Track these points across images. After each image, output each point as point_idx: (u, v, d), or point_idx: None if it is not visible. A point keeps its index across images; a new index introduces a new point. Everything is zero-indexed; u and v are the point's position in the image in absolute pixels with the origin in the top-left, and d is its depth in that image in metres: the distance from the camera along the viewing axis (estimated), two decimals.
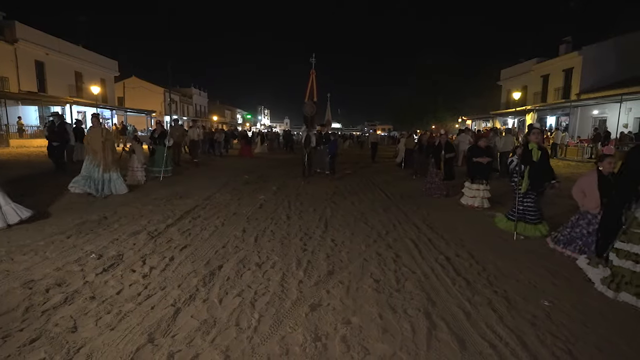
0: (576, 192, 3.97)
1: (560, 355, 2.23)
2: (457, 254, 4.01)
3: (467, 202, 6.47)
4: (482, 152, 6.34)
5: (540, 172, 4.62)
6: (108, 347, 2.20)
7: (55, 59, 21.43)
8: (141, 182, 8.09)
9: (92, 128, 7.00)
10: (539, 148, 4.68)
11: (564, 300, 2.95)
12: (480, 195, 6.32)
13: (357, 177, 10.59)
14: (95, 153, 6.72)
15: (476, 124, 31.27)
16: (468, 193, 6.48)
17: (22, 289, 2.91)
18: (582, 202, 3.93)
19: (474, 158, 6.31)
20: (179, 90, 40.06)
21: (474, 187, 6.37)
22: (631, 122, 17.88)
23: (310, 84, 10.53)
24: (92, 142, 6.82)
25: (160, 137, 9.43)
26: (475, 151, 6.41)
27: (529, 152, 4.63)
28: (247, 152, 17.33)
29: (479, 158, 6.25)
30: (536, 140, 4.69)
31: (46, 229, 4.52)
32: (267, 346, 2.26)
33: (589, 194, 3.82)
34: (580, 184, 3.93)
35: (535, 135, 4.71)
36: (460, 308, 2.78)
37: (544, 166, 4.64)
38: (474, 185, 6.38)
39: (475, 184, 6.36)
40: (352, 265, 3.62)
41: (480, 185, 6.33)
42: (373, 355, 2.19)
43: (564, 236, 4.10)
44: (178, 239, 4.34)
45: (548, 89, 24.19)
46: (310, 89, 10.58)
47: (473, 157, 6.34)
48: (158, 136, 9.47)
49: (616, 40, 20.43)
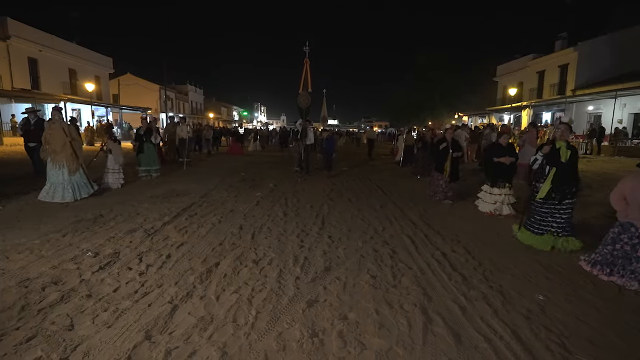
0: (616, 200, 3.30)
1: (554, 348, 2.26)
2: (453, 250, 4.03)
3: (486, 209, 5.64)
4: (504, 151, 5.48)
5: (567, 175, 3.98)
6: (105, 344, 2.20)
7: (48, 55, 21.19)
8: (119, 185, 7.32)
9: (52, 125, 5.93)
10: (568, 147, 4.03)
11: (558, 294, 2.98)
12: (501, 201, 5.49)
13: (354, 174, 10.58)
14: (56, 154, 5.85)
15: (472, 120, 31.37)
16: (487, 198, 5.65)
17: (18, 287, 2.90)
18: (625, 212, 3.25)
19: (494, 158, 5.46)
20: (174, 87, 39.79)
21: (495, 192, 5.53)
22: (625, 117, 18.02)
23: (304, 73, 10.01)
24: (52, 141, 5.85)
25: (146, 134, 8.72)
26: (496, 150, 5.59)
27: (557, 152, 4.01)
28: (237, 150, 16.71)
29: (500, 158, 5.42)
30: (564, 138, 4.06)
31: (41, 228, 4.50)
32: (264, 342, 2.27)
33: (633, 202, 3.17)
34: (622, 190, 3.27)
35: (562, 132, 4.11)
36: (456, 303, 2.81)
37: (571, 169, 4.01)
38: (495, 190, 5.53)
39: (497, 188, 5.53)
40: (349, 262, 3.64)
41: (502, 189, 5.49)
42: (369, 350, 2.21)
43: (602, 256, 3.34)
44: (175, 236, 4.34)
45: (544, 85, 24.30)
46: (305, 79, 10.02)
47: (493, 157, 5.49)
48: (144, 133, 8.75)
49: (611, 36, 20.53)
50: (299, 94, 10.01)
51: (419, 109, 35.14)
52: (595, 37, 21.04)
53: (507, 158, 5.41)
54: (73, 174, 6.00)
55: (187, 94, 42.81)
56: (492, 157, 5.55)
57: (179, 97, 40.50)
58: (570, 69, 21.77)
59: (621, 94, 16.15)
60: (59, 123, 6.01)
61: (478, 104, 30.41)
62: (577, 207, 4.29)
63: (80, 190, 6.09)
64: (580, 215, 4.98)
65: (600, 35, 21.04)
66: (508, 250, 4.07)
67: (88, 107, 22.27)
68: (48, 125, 6.03)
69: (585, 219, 5.18)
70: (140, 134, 8.85)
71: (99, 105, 24.09)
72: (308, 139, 9.90)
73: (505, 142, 5.64)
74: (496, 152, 5.57)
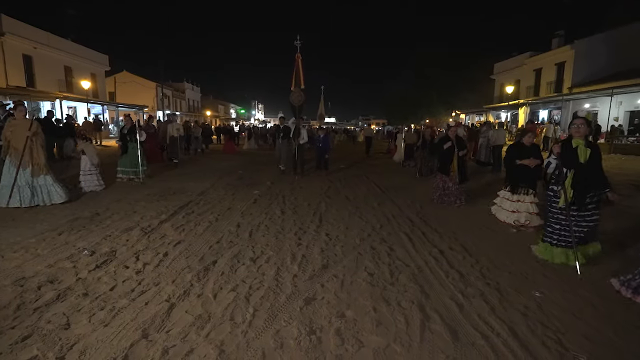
0: None
1: (550, 344, 2.27)
2: (450, 247, 4.04)
3: (505, 219, 4.91)
4: (528, 152, 4.74)
5: (589, 179, 3.41)
6: (102, 343, 2.19)
7: (43, 53, 20.99)
8: (98, 189, 6.74)
9: (14, 120, 5.45)
10: (587, 145, 3.46)
11: (554, 291, 3.00)
12: (525, 210, 4.79)
13: (352, 172, 10.58)
14: (18, 151, 5.27)
15: (470, 118, 31.43)
16: (506, 206, 4.93)
17: (13, 286, 2.88)
18: None
19: (517, 160, 4.75)
20: (171, 84, 39.59)
21: (516, 199, 4.84)
22: (622, 115, 18.10)
23: (295, 69, 9.47)
24: (13, 137, 5.28)
25: (131, 132, 7.93)
26: (518, 150, 4.82)
27: (573, 151, 3.45)
28: (230, 148, 16.19)
29: (524, 160, 4.69)
30: (581, 135, 3.47)
31: (37, 226, 4.47)
32: (262, 340, 2.27)
33: None
34: None
35: (578, 128, 3.47)
36: (453, 300, 2.82)
37: (594, 170, 3.43)
38: (516, 197, 4.83)
39: (518, 195, 4.83)
40: (347, 259, 3.64)
41: (525, 195, 4.80)
42: (367, 348, 2.21)
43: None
44: (172, 234, 4.32)
45: (540, 82, 24.36)
46: (297, 74, 9.48)
47: (515, 158, 4.77)
48: (128, 132, 7.97)
49: (608, 34, 20.59)
50: (291, 91, 9.59)
51: (416, 107, 35.16)
52: (592, 35, 21.10)
53: (531, 160, 4.66)
54: (37, 175, 5.39)
55: (184, 92, 42.59)
56: (514, 158, 4.78)
57: (175, 94, 40.29)
58: (567, 66, 21.84)
59: (617, 91, 16.22)
60: (23, 118, 5.49)
61: (475, 102, 30.46)
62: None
63: (51, 195, 5.49)
64: None
65: (597, 33, 21.11)
66: (505, 247, 4.08)
67: (84, 105, 22.12)
68: (9, 121, 5.52)
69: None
70: (123, 132, 8.11)
71: (95, 103, 23.94)
72: (301, 137, 9.49)
73: (529, 142, 4.86)
74: (518, 152, 4.80)
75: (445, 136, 6.23)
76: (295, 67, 9.46)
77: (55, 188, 5.54)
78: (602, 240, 3.74)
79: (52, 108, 17.30)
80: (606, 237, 4.04)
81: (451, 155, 5.99)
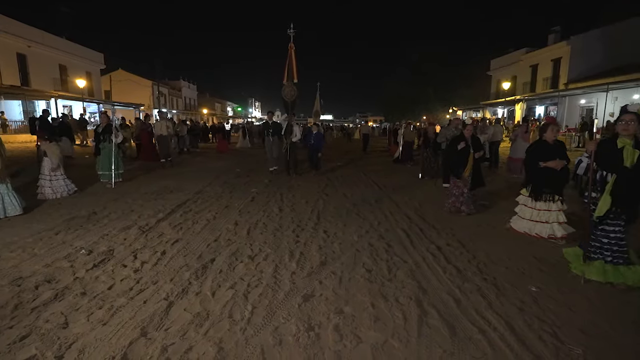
0: None
1: (546, 338, 2.29)
2: (447, 243, 4.06)
3: (527, 230, 4.22)
4: (553, 152, 4.01)
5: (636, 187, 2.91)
6: (100, 342, 2.19)
7: (38, 51, 20.81)
8: (67, 194, 6.07)
9: None
10: (637, 146, 2.92)
11: (551, 285, 3.02)
12: (552, 219, 4.09)
13: (349, 169, 10.59)
14: None
15: (467, 114, 31.48)
16: (528, 214, 4.23)
17: (11, 286, 2.87)
18: None
19: (540, 162, 4.01)
20: (167, 83, 39.36)
21: (539, 207, 4.15)
22: (617, 110, 18.14)
23: (288, 61, 8.62)
24: None
25: (105, 132, 7.11)
26: (541, 150, 4.06)
27: (617, 153, 2.95)
28: (223, 147, 15.56)
29: (549, 162, 3.97)
30: (630, 134, 2.94)
31: (34, 226, 4.45)
32: (261, 337, 2.28)
33: None
34: None
35: (627, 125, 2.94)
36: (451, 295, 2.83)
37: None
38: (540, 204, 4.14)
39: (542, 202, 4.12)
40: (345, 256, 3.65)
41: (550, 203, 4.09)
42: (365, 343, 2.22)
43: None
44: (169, 233, 4.32)
45: (537, 78, 24.42)
46: (289, 67, 8.65)
47: (539, 159, 4.03)
48: (102, 131, 7.15)
49: (603, 30, 20.64)
50: (283, 85, 8.81)
51: (414, 104, 35.20)
52: (588, 30, 21.15)
53: (557, 162, 3.96)
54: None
55: (180, 90, 42.38)
56: (536, 160, 4.05)
57: (172, 92, 40.09)
58: (563, 62, 21.88)
59: (613, 87, 16.28)
60: None
61: (472, 98, 30.51)
62: None
63: (5, 207, 4.80)
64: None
65: (593, 29, 21.16)
66: (502, 243, 4.10)
67: (80, 103, 21.96)
68: None
69: None
70: (98, 132, 7.29)
71: (90, 102, 23.78)
72: (293, 135, 8.87)
73: (551, 138, 4.08)
74: (541, 152, 4.05)
75: (460, 135, 5.42)
76: (288, 58, 8.64)
77: (10, 199, 4.87)
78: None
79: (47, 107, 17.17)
80: None
81: (466, 157, 5.20)
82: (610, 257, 3.07)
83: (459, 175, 5.26)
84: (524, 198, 4.31)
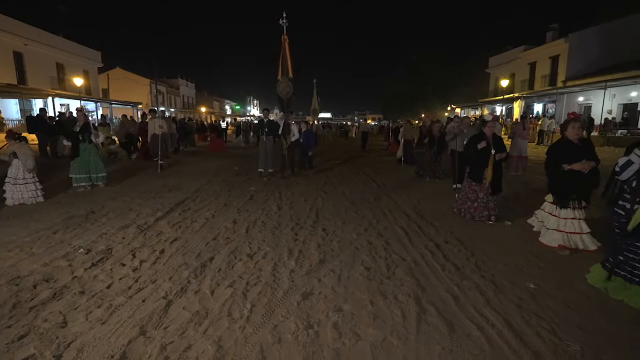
0: None
1: (544, 335, 2.30)
2: (446, 241, 4.07)
3: (562, 242, 3.64)
4: (579, 152, 3.50)
5: None
6: (99, 340, 2.19)
7: (34, 49, 20.68)
8: (33, 201, 5.51)
9: None
10: None
11: (549, 282, 3.03)
12: (578, 229, 3.60)
13: (347, 167, 10.57)
14: None
15: (465, 112, 31.49)
16: (554, 224, 3.73)
17: (9, 285, 2.87)
18: None
19: (564, 164, 3.52)
20: (165, 81, 39.19)
21: (564, 215, 3.65)
22: (615, 108, 18.22)
23: (282, 54, 7.88)
24: None
25: (83, 131, 6.50)
26: (566, 150, 3.56)
27: None
28: (218, 146, 14.57)
29: (574, 164, 3.47)
30: None
31: (32, 225, 4.44)
32: (260, 335, 2.28)
33: None
34: None
35: None
36: (449, 293, 2.84)
37: None
38: (565, 212, 3.64)
39: (567, 210, 3.63)
40: (343, 254, 3.66)
41: (576, 210, 3.61)
42: (364, 341, 2.23)
43: None
44: (168, 231, 4.31)
45: (535, 76, 24.44)
46: (283, 61, 7.91)
47: (562, 161, 3.54)
48: (80, 130, 6.51)
49: (601, 27, 20.66)
50: (277, 81, 8.04)
51: (412, 102, 35.18)
52: (586, 28, 21.16)
53: (584, 163, 3.45)
54: None
55: (178, 88, 42.23)
56: (560, 160, 3.56)
57: (170, 91, 39.93)
58: (561, 60, 21.90)
59: (611, 84, 16.32)
60: None
61: (471, 96, 30.52)
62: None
63: None
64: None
65: (591, 26, 21.17)
66: (500, 240, 4.11)
67: (77, 102, 21.85)
68: None
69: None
70: (75, 131, 6.58)
71: (88, 100, 23.67)
72: (291, 134, 8.32)
73: (575, 136, 3.54)
74: (564, 153, 3.55)
75: (480, 134, 4.77)
76: (282, 51, 7.88)
77: None
78: None
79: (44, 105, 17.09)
80: None
81: (486, 158, 4.61)
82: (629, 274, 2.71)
83: (480, 179, 4.66)
84: (549, 205, 3.81)
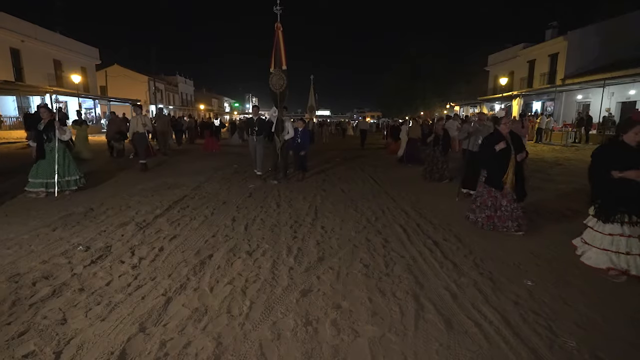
0: None
1: (541, 331, 2.32)
2: (444, 238, 4.09)
3: (610, 264, 3.07)
4: (634, 158, 2.97)
5: None
6: (99, 337, 2.20)
7: (32, 46, 20.58)
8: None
9: None
10: None
11: (546, 279, 3.05)
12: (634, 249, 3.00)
13: (346, 165, 10.58)
14: None
15: (464, 110, 31.50)
16: (597, 241, 3.17)
17: (8, 282, 2.87)
18: None
19: (612, 171, 3.00)
20: (163, 78, 39.07)
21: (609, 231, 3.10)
22: (613, 106, 18.25)
23: (275, 44, 7.08)
24: None
25: (47, 130, 5.81)
26: (618, 156, 3.03)
27: None
28: (212, 145, 13.90)
29: (628, 172, 2.94)
30: None
31: (30, 222, 4.43)
32: (259, 332, 2.29)
33: None
34: None
35: None
36: (447, 290, 2.86)
37: None
38: (610, 227, 3.09)
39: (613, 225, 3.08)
40: (342, 252, 3.67)
41: (624, 226, 3.04)
42: (363, 337, 2.25)
43: None
44: (167, 229, 4.31)
45: (534, 74, 24.44)
46: (277, 52, 7.11)
47: (611, 168, 3.01)
48: (44, 129, 5.81)
49: (600, 25, 20.65)
50: (270, 74, 7.22)
51: (411, 99, 35.19)
52: (585, 26, 21.16)
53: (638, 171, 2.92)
54: None
55: (176, 85, 42.10)
56: (607, 168, 3.03)
57: (168, 88, 39.81)
58: (560, 58, 21.90)
59: (609, 82, 16.32)
60: None
61: (470, 94, 30.54)
62: None
63: None
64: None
65: (590, 24, 21.17)
66: (499, 238, 4.12)
67: (75, 99, 21.78)
68: None
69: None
70: (39, 130, 5.85)
71: (86, 97, 23.61)
72: (285, 132, 7.51)
73: (636, 140, 2.99)
74: (616, 158, 3.02)
75: (496, 133, 4.20)
76: (275, 41, 7.09)
77: None
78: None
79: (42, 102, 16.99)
80: None
81: (506, 160, 4.07)
82: None
83: (499, 185, 4.11)
84: (593, 220, 3.25)
